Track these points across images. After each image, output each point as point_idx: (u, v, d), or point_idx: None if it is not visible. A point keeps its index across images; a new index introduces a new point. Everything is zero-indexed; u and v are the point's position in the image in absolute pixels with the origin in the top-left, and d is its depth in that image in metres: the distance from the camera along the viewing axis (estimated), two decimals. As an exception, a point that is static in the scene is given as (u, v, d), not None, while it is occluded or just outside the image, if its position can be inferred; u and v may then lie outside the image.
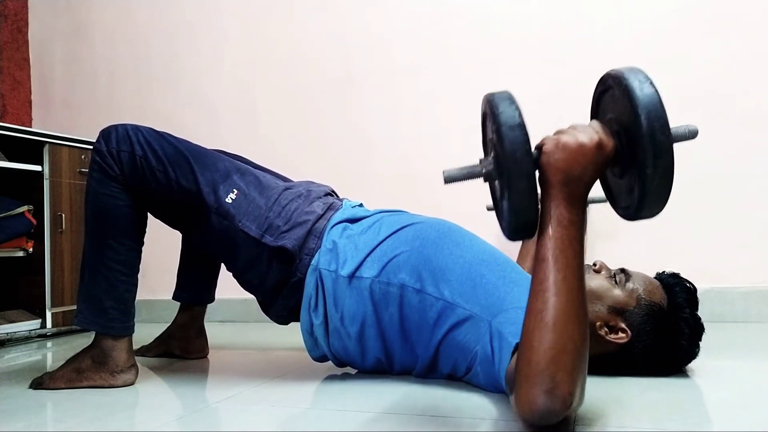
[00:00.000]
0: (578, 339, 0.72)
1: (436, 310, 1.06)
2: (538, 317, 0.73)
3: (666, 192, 0.74)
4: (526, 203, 0.75)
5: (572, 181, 0.76)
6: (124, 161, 1.17)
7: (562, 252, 0.75)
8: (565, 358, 0.70)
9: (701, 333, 1.08)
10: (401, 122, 2.14)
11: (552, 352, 0.70)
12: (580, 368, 0.71)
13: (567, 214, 0.76)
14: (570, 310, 0.72)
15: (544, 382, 0.70)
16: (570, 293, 0.73)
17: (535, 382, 0.70)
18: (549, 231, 0.76)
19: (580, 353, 0.72)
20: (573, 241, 0.75)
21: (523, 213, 0.76)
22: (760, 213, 1.75)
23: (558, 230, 0.75)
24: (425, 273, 1.08)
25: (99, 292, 1.18)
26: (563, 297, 0.73)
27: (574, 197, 0.76)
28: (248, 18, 2.37)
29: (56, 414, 1.06)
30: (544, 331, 0.72)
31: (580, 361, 0.72)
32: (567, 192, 0.76)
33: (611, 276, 1.10)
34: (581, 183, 0.76)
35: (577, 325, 0.72)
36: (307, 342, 1.21)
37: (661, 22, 1.86)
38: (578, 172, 0.75)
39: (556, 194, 0.76)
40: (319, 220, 1.20)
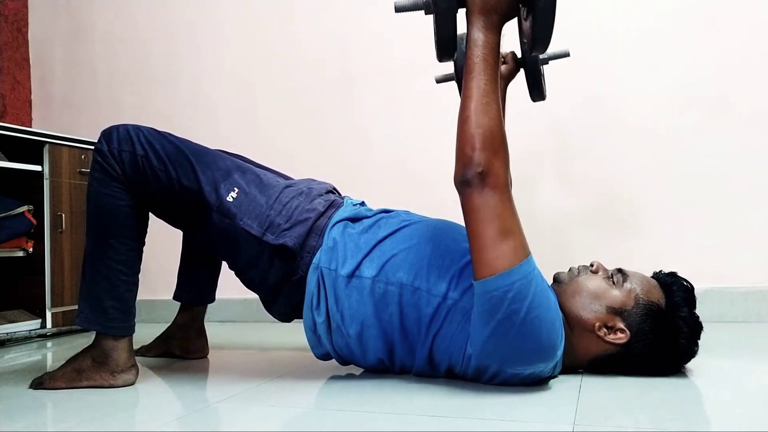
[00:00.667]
0: (487, 126, 0.96)
1: (433, 307, 1.07)
2: (461, 113, 0.98)
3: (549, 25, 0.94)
4: (447, 22, 0.98)
5: (488, 11, 0.97)
6: (125, 161, 1.17)
7: (475, 65, 0.98)
8: (475, 140, 0.95)
9: (700, 332, 1.08)
10: (401, 122, 2.14)
11: (466, 136, 0.97)
12: (489, 147, 0.95)
13: (483, 37, 0.98)
14: (481, 104, 0.97)
15: (462, 157, 0.97)
16: (480, 92, 0.97)
17: (458, 157, 0.98)
18: (470, 52, 0.99)
19: (490, 137, 0.96)
20: (487, 57, 0.98)
21: (443, 29, 0.99)
22: (760, 213, 1.75)
23: (476, 50, 0.98)
24: (423, 271, 1.09)
25: (100, 292, 1.18)
26: (477, 96, 0.97)
27: (489, 24, 0.98)
28: (248, 18, 2.37)
29: (56, 414, 1.06)
30: (461, 124, 0.98)
31: (490, 142, 0.95)
32: (483, 20, 0.98)
33: (608, 276, 1.10)
34: (495, 13, 0.97)
35: (488, 116, 0.96)
36: (310, 340, 1.21)
37: (660, 22, 1.86)
38: (492, 3, 0.97)
39: (475, 22, 0.98)
40: (321, 217, 1.20)
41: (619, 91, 1.89)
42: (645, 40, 1.87)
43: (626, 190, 1.88)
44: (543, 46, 0.99)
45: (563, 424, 0.84)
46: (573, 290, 1.10)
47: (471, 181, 0.96)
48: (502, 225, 0.96)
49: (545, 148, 1.97)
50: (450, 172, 1.00)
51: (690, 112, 1.82)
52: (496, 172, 0.96)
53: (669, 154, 1.84)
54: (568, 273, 1.15)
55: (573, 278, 1.12)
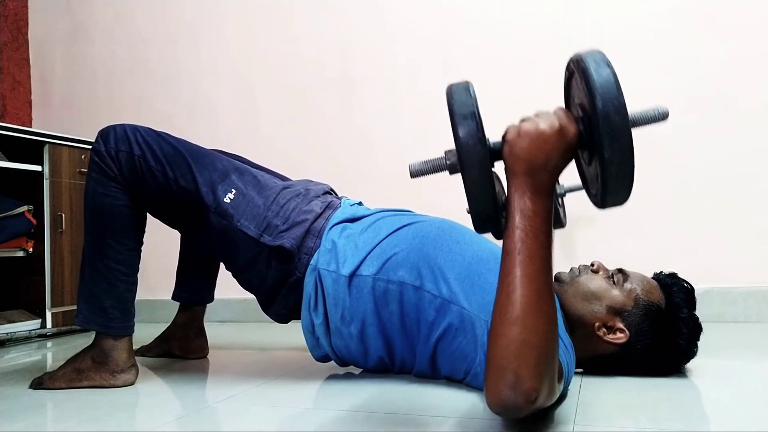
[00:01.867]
0: (542, 333, 0.71)
1: (434, 308, 1.06)
2: (502, 311, 0.72)
3: (626, 175, 0.71)
4: (480, 192, 0.74)
5: (535, 170, 0.74)
6: (122, 161, 1.17)
7: (524, 244, 0.73)
8: (528, 353, 0.69)
9: (699, 332, 1.08)
10: (401, 122, 2.14)
11: (514, 346, 0.70)
12: (544, 363, 0.71)
13: (531, 204, 0.74)
14: (532, 303, 0.72)
15: (507, 376, 0.69)
16: (532, 286, 0.72)
17: (499, 375, 0.70)
18: (513, 222, 0.75)
19: (545, 347, 0.71)
20: (538, 232, 0.74)
21: (479, 203, 0.75)
22: (760, 213, 1.75)
23: (521, 221, 0.74)
24: (424, 270, 1.09)
25: (99, 292, 1.18)
26: (526, 290, 0.72)
27: (538, 186, 0.74)
28: (248, 18, 2.37)
29: (56, 414, 1.06)
30: (507, 326, 0.71)
31: (545, 355, 0.71)
32: (530, 181, 0.74)
33: (609, 276, 1.10)
34: (545, 171, 0.74)
35: (542, 319, 0.71)
36: (309, 342, 1.21)
37: (660, 22, 1.86)
38: (541, 160, 0.73)
39: (520, 184, 0.75)
40: (318, 219, 1.20)
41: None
42: (645, 41, 1.87)
43: (626, 190, 1.87)
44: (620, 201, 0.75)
45: (563, 424, 0.84)
46: (574, 290, 1.10)
47: (519, 408, 0.71)
48: None
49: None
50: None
51: (690, 112, 1.82)
52: (551, 394, 0.75)
53: (669, 153, 1.84)
54: (569, 273, 1.15)
55: (574, 278, 1.12)
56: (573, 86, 0.80)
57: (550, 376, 0.72)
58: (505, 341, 0.71)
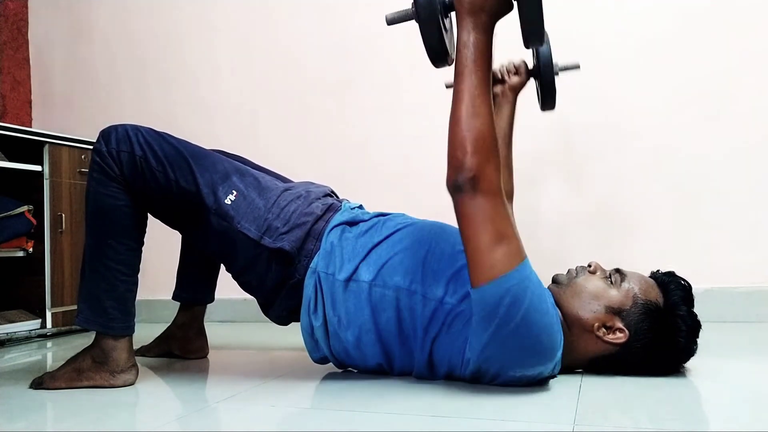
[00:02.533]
0: (478, 129, 0.94)
1: (430, 310, 1.07)
2: (451, 117, 0.97)
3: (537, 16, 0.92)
4: (431, 29, 0.98)
5: (476, 11, 0.95)
6: (123, 162, 1.17)
7: (466, 67, 0.96)
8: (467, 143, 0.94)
9: (698, 330, 1.08)
10: (400, 124, 2.14)
11: (457, 140, 0.95)
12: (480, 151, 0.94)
13: (472, 37, 0.95)
14: (469, 108, 0.95)
15: (453, 162, 0.96)
16: (470, 95, 0.95)
17: (449, 164, 0.96)
18: (460, 53, 0.97)
19: (481, 139, 0.94)
20: (477, 58, 0.95)
21: (428, 37, 0.99)
22: (760, 213, 1.75)
23: (465, 51, 0.96)
24: (419, 275, 1.09)
25: (99, 292, 1.18)
26: (465, 99, 0.95)
27: (479, 24, 0.95)
28: (248, 19, 2.37)
29: (56, 414, 1.06)
30: (452, 126, 0.96)
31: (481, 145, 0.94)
32: (472, 20, 0.95)
33: (607, 277, 1.10)
34: (483, 12, 0.95)
35: (477, 119, 0.95)
36: (308, 344, 1.21)
37: (660, 22, 1.86)
38: (480, 2, 0.94)
39: (465, 23, 0.96)
40: (318, 221, 1.20)
41: (619, 92, 1.89)
42: (646, 42, 1.87)
43: (626, 190, 1.88)
44: (537, 39, 0.96)
45: (563, 424, 0.84)
46: (572, 291, 1.10)
47: (463, 187, 0.94)
48: (496, 230, 0.95)
49: (546, 149, 1.97)
50: None
51: (690, 113, 1.82)
52: (488, 177, 0.94)
53: (669, 153, 1.84)
54: (567, 274, 1.15)
55: (571, 279, 1.12)
56: None
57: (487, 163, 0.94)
58: (451, 137, 0.96)
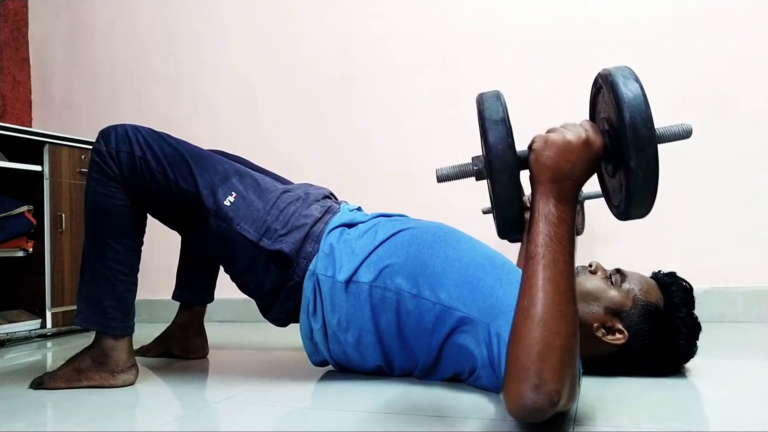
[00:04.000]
0: (565, 336, 0.72)
1: (434, 315, 1.06)
2: (525, 314, 0.73)
3: (651, 187, 0.73)
4: (509, 197, 0.77)
5: (560, 179, 0.77)
6: (123, 162, 1.17)
7: (548, 249, 0.75)
8: (551, 355, 0.70)
9: (698, 332, 1.08)
10: (401, 122, 2.14)
11: (537, 348, 0.70)
12: (567, 365, 0.71)
13: (555, 211, 0.76)
14: (556, 306, 0.73)
15: (530, 378, 0.70)
16: (556, 290, 0.73)
17: (522, 378, 0.70)
18: (537, 228, 0.77)
19: (568, 350, 0.72)
20: (562, 238, 0.76)
21: (506, 207, 0.78)
22: (760, 213, 1.75)
23: (546, 227, 0.76)
24: (422, 278, 1.08)
25: (99, 292, 1.18)
26: (549, 294, 0.73)
27: (563, 195, 0.77)
28: (248, 18, 2.37)
29: (56, 414, 1.06)
30: (530, 328, 0.72)
31: (568, 357, 0.71)
32: (555, 189, 0.77)
33: (607, 277, 1.10)
34: (570, 180, 0.77)
35: (564, 322, 0.72)
36: (307, 347, 1.21)
37: (659, 22, 1.86)
38: (566, 170, 0.76)
39: (545, 191, 0.77)
40: (317, 223, 1.20)
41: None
42: (644, 41, 1.87)
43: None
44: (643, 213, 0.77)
45: (563, 424, 0.84)
46: None
47: (542, 410, 0.70)
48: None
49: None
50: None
51: (690, 112, 1.82)
52: (572, 397, 0.74)
53: (668, 154, 1.83)
54: None
55: None
56: (599, 101, 0.82)
57: (571, 378, 0.72)
58: (528, 343, 0.71)
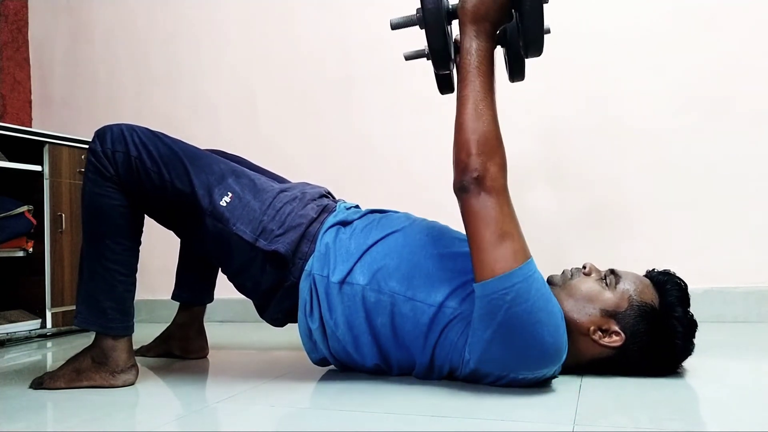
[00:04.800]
0: (482, 132, 0.98)
1: (429, 316, 1.06)
2: (456, 122, 1.01)
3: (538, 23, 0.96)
4: (436, 35, 1.02)
5: (478, 19, 1.00)
6: (118, 162, 1.16)
7: (469, 72, 1.01)
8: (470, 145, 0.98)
9: (695, 330, 1.07)
10: (401, 123, 2.14)
11: (461, 142, 0.99)
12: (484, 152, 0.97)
13: (474, 44, 1.01)
14: (475, 111, 0.99)
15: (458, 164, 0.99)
16: (475, 99, 1.00)
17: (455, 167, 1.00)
18: (463, 59, 1.02)
19: (484, 142, 0.98)
20: (480, 64, 1.01)
21: (434, 42, 1.03)
22: (760, 213, 1.75)
23: (468, 57, 1.01)
24: (416, 281, 1.08)
25: (97, 293, 1.18)
26: (469, 103, 1.00)
27: (481, 31, 1.01)
28: (248, 18, 2.37)
29: (56, 414, 1.06)
30: (456, 132, 1.00)
31: (484, 147, 0.97)
32: (475, 28, 1.01)
33: (601, 278, 1.09)
34: (486, 21, 1.00)
35: (483, 118, 0.99)
36: (306, 345, 1.20)
37: (660, 22, 1.86)
38: (483, 11, 1.00)
39: (468, 31, 1.01)
40: (313, 223, 1.20)
41: (617, 92, 1.89)
42: (643, 40, 1.87)
43: (626, 190, 1.87)
44: (537, 50, 1.00)
45: (563, 424, 0.84)
46: (566, 293, 1.09)
47: (468, 187, 0.97)
48: (501, 228, 0.96)
49: (544, 149, 1.97)
50: (450, 173, 1.00)
51: (689, 112, 1.82)
52: (492, 176, 0.97)
53: (668, 154, 1.84)
54: (561, 276, 1.13)
55: (566, 281, 1.11)
56: None
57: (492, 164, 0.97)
58: (456, 141, 1.00)
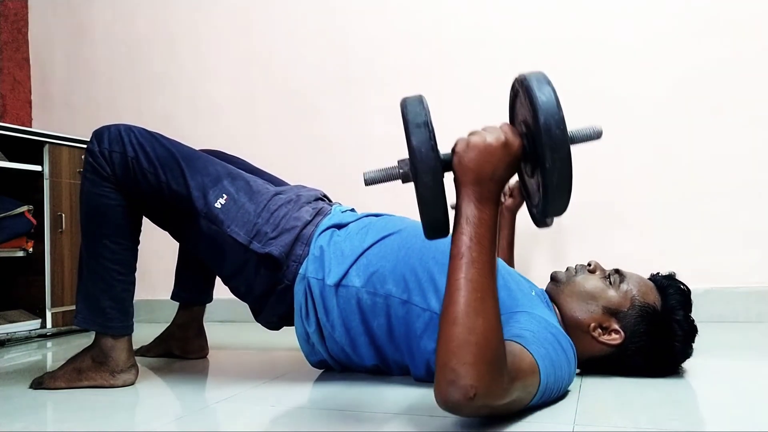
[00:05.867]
0: (481, 332, 0.73)
1: (424, 321, 1.06)
2: (445, 313, 0.76)
3: (565, 186, 0.75)
4: (433, 199, 0.78)
5: (482, 180, 0.79)
6: (115, 162, 1.16)
7: (469, 249, 0.78)
8: (465, 351, 0.72)
9: (694, 335, 1.08)
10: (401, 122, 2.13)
11: (454, 345, 0.73)
12: (483, 361, 0.72)
13: (476, 212, 0.79)
14: (471, 304, 0.75)
15: (447, 373, 0.73)
16: (473, 287, 0.76)
17: (441, 373, 0.74)
18: (460, 229, 0.79)
19: (484, 346, 0.73)
20: (482, 238, 0.78)
21: (431, 208, 0.79)
22: (760, 213, 1.75)
23: (467, 228, 0.79)
24: (411, 283, 1.08)
25: (96, 292, 1.18)
26: (466, 292, 0.76)
27: (484, 195, 0.79)
28: (248, 19, 2.37)
29: (56, 414, 1.06)
30: (448, 326, 0.75)
31: (484, 353, 0.73)
32: (477, 191, 0.79)
33: (606, 277, 1.10)
34: (491, 181, 0.79)
35: (481, 319, 0.74)
36: (304, 348, 1.20)
37: (660, 22, 1.86)
38: (487, 171, 0.79)
39: (467, 193, 0.80)
40: (307, 226, 1.19)
41: (617, 92, 1.89)
42: (643, 40, 1.87)
43: (626, 190, 1.87)
44: (558, 212, 0.79)
45: (563, 424, 0.84)
46: (570, 290, 1.10)
47: (459, 405, 0.73)
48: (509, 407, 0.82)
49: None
50: (449, 178, 0.84)
51: (690, 112, 1.82)
52: (493, 392, 0.74)
53: (668, 154, 1.84)
54: (566, 272, 1.14)
55: (570, 278, 1.12)
56: (517, 105, 0.84)
57: (492, 375, 0.73)
58: (445, 340, 0.74)
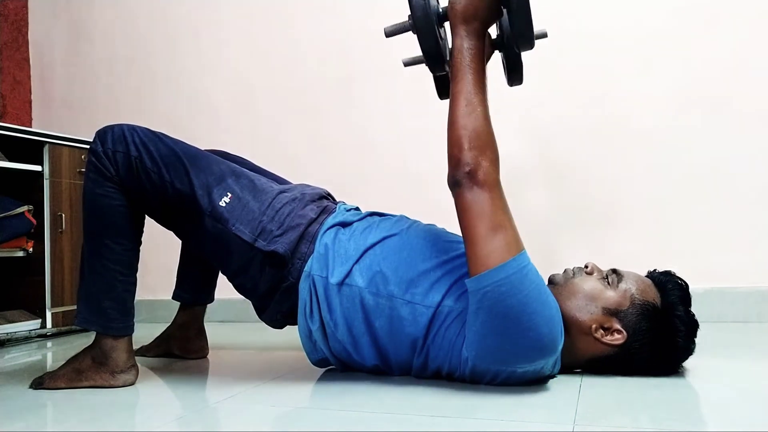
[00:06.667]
0: (472, 127, 1.01)
1: (427, 317, 1.07)
2: (449, 121, 1.03)
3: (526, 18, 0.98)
4: (427, 37, 1.05)
5: (468, 19, 1.03)
6: (119, 162, 1.16)
7: (459, 71, 1.03)
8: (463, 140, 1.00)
9: (696, 329, 1.08)
10: (401, 122, 2.14)
11: (454, 138, 1.01)
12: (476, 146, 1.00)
13: (465, 43, 1.03)
14: (464, 107, 1.02)
15: (450, 159, 1.02)
16: (466, 97, 1.02)
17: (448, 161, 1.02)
18: (455, 60, 1.04)
19: (476, 135, 1.00)
20: (471, 62, 1.03)
21: (425, 44, 1.06)
22: (761, 213, 1.75)
23: (458, 57, 1.04)
24: (414, 284, 1.09)
25: (97, 292, 1.18)
26: (461, 101, 1.02)
27: (471, 31, 1.03)
28: (248, 18, 2.37)
29: (56, 414, 1.06)
30: (450, 128, 1.03)
31: (475, 140, 1.00)
32: (465, 27, 1.03)
33: (603, 277, 1.10)
34: (476, 20, 1.03)
35: (470, 117, 1.01)
36: (305, 346, 1.20)
37: (659, 22, 1.86)
38: (472, 12, 1.02)
39: (458, 32, 1.04)
40: (312, 224, 1.20)
41: (616, 92, 1.89)
42: (642, 40, 1.87)
43: (626, 190, 1.87)
44: (527, 42, 1.03)
45: (563, 424, 0.84)
46: (568, 292, 1.09)
47: (461, 181, 0.99)
48: (493, 221, 0.98)
49: (542, 149, 1.97)
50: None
51: (689, 112, 1.82)
52: (484, 170, 0.99)
53: (668, 154, 1.84)
54: (563, 274, 1.14)
55: (568, 280, 1.12)
56: None
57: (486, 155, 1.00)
58: (450, 136, 1.02)
